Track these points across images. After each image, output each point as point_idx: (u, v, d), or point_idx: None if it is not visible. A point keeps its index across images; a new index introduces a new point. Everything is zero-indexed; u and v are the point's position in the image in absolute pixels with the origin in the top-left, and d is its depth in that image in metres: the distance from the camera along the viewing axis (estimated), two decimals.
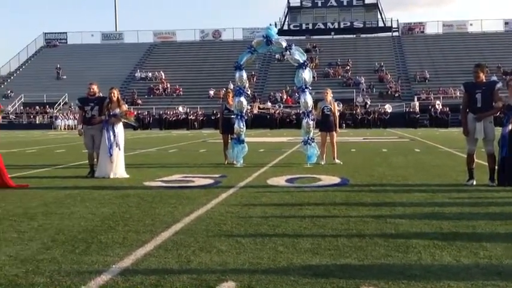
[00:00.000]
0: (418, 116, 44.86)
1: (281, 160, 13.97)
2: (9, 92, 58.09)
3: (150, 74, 59.66)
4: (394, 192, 8.05)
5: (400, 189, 8.42)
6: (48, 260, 4.39)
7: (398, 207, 6.82)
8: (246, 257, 4.44)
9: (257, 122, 44.00)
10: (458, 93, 44.23)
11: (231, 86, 47.39)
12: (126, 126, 10.65)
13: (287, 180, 9.53)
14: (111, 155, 10.03)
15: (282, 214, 6.37)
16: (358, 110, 46.75)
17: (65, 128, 48.95)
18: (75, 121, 46.71)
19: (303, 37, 64.53)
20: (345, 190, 8.35)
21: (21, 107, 56.02)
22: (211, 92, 54.10)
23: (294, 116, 45.61)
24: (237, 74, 12.62)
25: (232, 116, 12.68)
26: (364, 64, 58.15)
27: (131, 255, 4.54)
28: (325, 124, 12.80)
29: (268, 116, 47.39)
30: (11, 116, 53.12)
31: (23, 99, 56.53)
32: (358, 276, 3.94)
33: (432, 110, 44.83)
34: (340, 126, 40.12)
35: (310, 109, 12.36)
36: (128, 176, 10.21)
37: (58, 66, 61.73)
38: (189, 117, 48.40)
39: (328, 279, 3.86)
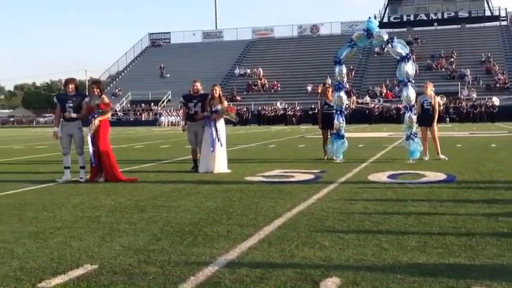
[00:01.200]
0: None
1: (382, 155, 13.68)
2: (117, 90, 61.23)
3: (248, 71, 60.55)
4: (506, 190, 7.63)
5: None
6: (159, 250, 4.59)
7: (511, 205, 6.46)
8: (350, 253, 4.40)
9: (356, 117, 43.37)
10: None
11: (329, 81, 47.11)
12: (226, 122, 10.86)
13: (389, 176, 9.33)
14: (213, 150, 10.29)
15: (385, 211, 6.24)
16: (464, 104, 44.73)
17: (168, 125, 50.82)
18: (178, 118, 48.48)
19: (404, 29, 62.81)
20: (451, 187, 8.03)
21: (128, 105, 58.86)
22: (309, 88, 53.99)
23: (394, 111, 44.52)
24: (337, 69, 12.50)
25: (332, 111, 12.59)
26: (469, 55, 55.56)
27: (236, 248, 4.63)
28: (424, 118, 12.37)
29: (367, 111, 46.57)
30: (119, 113, 55.99)
31: (130, 97, 59.39)
32: (468, 276, 3.78)
33: None
34: (444, 121, 38.87)
35: (412, 103, 12.01)
36: (229, 171, 10.43)
37: (162, 65, 64.23)
38: (287, 113, 48.61)
39: (437, 278, 3.74)
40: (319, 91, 48.52)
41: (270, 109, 49.81)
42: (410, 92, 11.91)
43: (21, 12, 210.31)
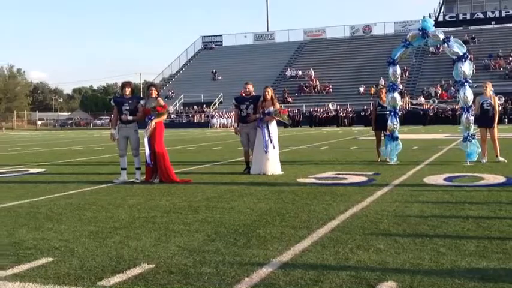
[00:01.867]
0: None
1: (438, 158, 13.38)
2: (170, 92, 62.31)
3: (300, 72, 60.45)
4: None
5: None
6: (213, 251, 4.64)
7: None
8: (406, 257, 4.32)
9: (409, 118, 42.56)
10: None
11: (382, 82, 46.47)
12: (278, 124, 10.87)
13: (446, 179, 9.11)
14: (266, 152, 10.32)
15: (442, 214, 6.10)
16: None
17: (220, 126, 51.30)
18: (230, 120, 48.85)
19: (460, 28, 61.25)
20: (511, 190, 7.77)
21: (181, 107, 59.77)
22: (361, 89, 53.42)
23: (450, 112, 43.48)
24: (391, 70, 12.33)
25: (386, 113, 12.42)
26: None
27: (289, 250, 4.63)
28: (484, 119, 12.01)
29: (421, 112, 45.66)
30: (172, 115, 56.93)
31: (182, 99, 60.30)
32: None
33: None
34: (502, 122, 37.65)
35: (470, 104, 11.69)
36: (282, 172, 10.43)
37: (214, 67, 64.92)
38: (339, 114, 48.23)
39: (497, 284, 3.63)
40: (372, 92, 47.97)
41: (321, 110, 49.55)
42: (468, 93, 11.61)
43: (77, 18, 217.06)
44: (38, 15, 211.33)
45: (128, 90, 9.82)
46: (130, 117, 9.66)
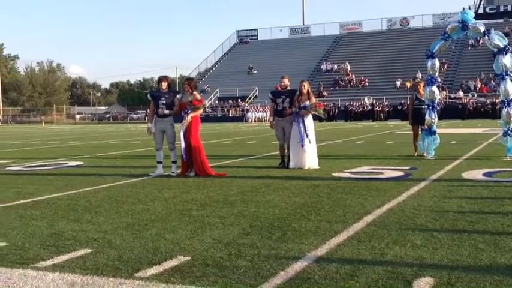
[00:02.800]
0: None
1: (477, 152, 13.12)
2: (206, 87, 62.65)
3: (335, 66, 59.99)
4: None
5: None
6: (248, 244, 4.66)
7: None
8: (444, 253, 4.25)
9: (448, 112, 41.80)
10: None
11: (419, 75, 45.75)
12: (314, 117, 10.81)
13: (485, 174, 8.93)
14: (302, 146, 10.29)
15: (481, 210, 5.99)
16: None
17: (255, 121, 51.37)
18: (265, 114, 48.90)
19: (501, 20, 59.69)
20: None
21: (216, 101, 60.06)
22: (398, 83, 52.70)
23: (489, 106, 42.55)
24: (429, 63, 12.12)
25: (423, 107, 12.23)
26: None
27: (325, 244, 4.61)
28: None
29: (460, 106, 44.80)
30: (207, 109, 57.28)
31: (218, 93, 60.58)
32: None
33: None
34: None
35: (510, 97, 11.41)
36: (317, 167, 10.38)
37: (249, 61, 64.97)
38: (375, 109, 47.72)
39: None
40: (409, 86, 47.28)
41: (357, 105, 49.11)
42: (509, 86, 11.33)
43: (115, 14, 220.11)
44: (77, 12, 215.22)
45: (164, 85, 9.91)
46: (166, 111, 9.76)
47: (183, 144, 9.55)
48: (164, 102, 9.74)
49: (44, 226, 5.57)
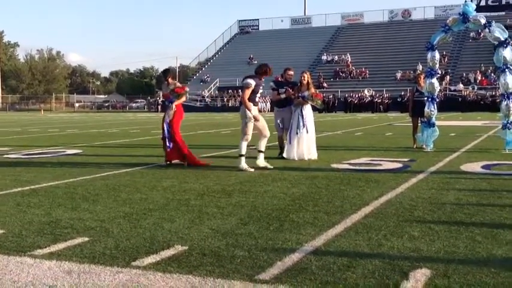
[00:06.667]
0: None
1: (476, 145, 13.12)
2: (206, 76, 62.56)
3: (336, 57, 59.86)
4: None
5: None
6: (246, 234, 4.66)
7: None
8: (441, 245, 4.26)
9: (447, 104, 41.75)
10: None
11: (420, 67, 45.65)
12: (313, 109, 10.78)
13: (483, 167, 8.93)
14: (298, 133, 10.28)
15: (479, 202, 5.99)
16: None
17: None
18: (264, 104, 48.81)
19: (502, 13, 59.49)
20: None
21: (216, 91, 59.94)
22: (398, 75, 52.63)
23: (489, 99, 42.52)
24: (429, 55, 12.08)
25: (423, 99, 12.21)
26: None
27: (322, 235, 4.62)
28: None
29: (459, 99, 44.76)
30: (206, 99, 57.18)
31: (218, 83, 60.45)
32: None
33: None
34: None
35: (510, 90, 11.39)
36: (316, 157, 10.37)
37: (250, 51, 64.78)
38: (375, 100, 47.67)
39: None
40: (408, 77, 47.20)
41: (356, 96, 49.05)
42: (509, 79, 11.31)
43: (114, 2, 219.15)
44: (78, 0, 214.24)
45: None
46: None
47: (166, 134, 9.47)
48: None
49: (41, 214, 5.56)
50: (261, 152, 9.32)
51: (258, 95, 9.17)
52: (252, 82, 8.92)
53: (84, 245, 4.37)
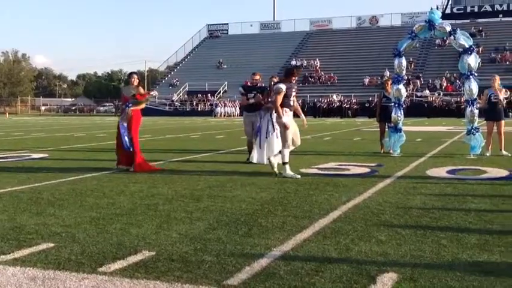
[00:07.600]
0: None
1: (441, 150, 13.35)
2: (175, 80, 62.20)
3: (305, 62, 60.21)
4: None
5: None
6: (214, 239, 4.64)
7: None
8: (407, 249, 4.31)
9: (414, 110, 42.38)
10: None
11: (387, 73, 46.26)
12: None
13: (448, 172, 9.09)
14: (267, 137, 10.27)
15: (444, 206, 6.09)
16: None
17: (224, 115, 51.21)
18: (233, 109, 48.82)
19: (467, 21, 60.77)
20: None
21: (185, 95, 59.65)
22: (366, 80, 53.23)
23: (454, 105, 43.34)
24: (396, 61, 12.26)
25: (391, 104, 12.38)
26: None
27: (291, 239, 4.62)
28: (492, 112, 11.98)
29: (425, 104, 45.51)
30: (176, 103, 56.85)
31: (187, 87, 60.17)
32: None
33: None
34: (507, 116, 37.49)
35: (474, 97, 11.64)
36: (280, 162, 10.36)
37: (219, 56, 64.71)
38: (343, 106, 48.11)
39: (498, 278, 3.62)
40: (375, 83, 47.75)
41: (325, 101, 49.42)
42: (473, 85, 11.55)
43: (82, 5, 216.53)
44: (44, 1, 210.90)
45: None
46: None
47: (125, 137, 9.35)
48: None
49: (5, 219, 5.44)
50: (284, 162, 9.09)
51: (292, 98, 9.09)
52: (282, 86, 8.91)
53: (49, 251, 4.28)
